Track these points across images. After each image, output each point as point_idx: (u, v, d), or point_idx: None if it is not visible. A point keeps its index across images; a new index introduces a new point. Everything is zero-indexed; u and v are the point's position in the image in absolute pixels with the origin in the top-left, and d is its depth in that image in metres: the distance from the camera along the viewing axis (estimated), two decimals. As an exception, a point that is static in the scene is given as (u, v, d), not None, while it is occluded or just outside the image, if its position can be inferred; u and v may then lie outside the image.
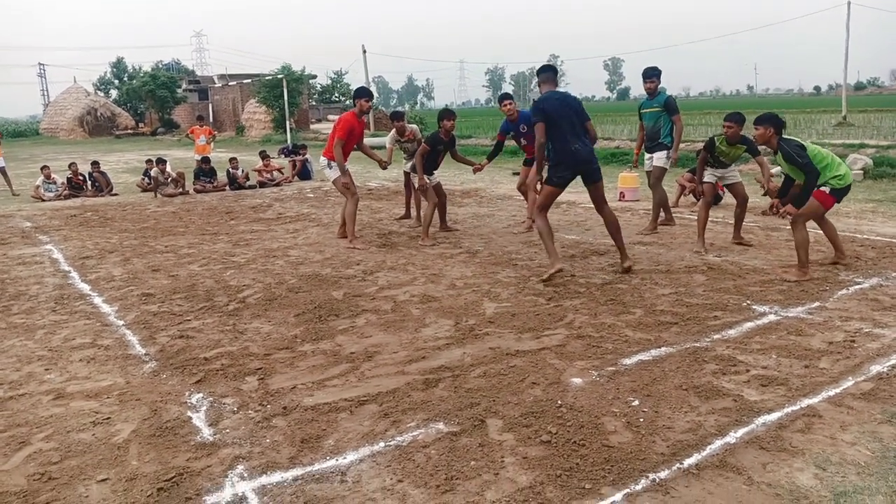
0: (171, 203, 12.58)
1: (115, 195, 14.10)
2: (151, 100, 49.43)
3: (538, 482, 2.80)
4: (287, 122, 28.56)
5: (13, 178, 15.51)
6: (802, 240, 5.75)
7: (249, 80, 41.87)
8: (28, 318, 5.42)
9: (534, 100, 6.13)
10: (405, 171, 9.21)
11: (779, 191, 6.36)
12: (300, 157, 16.20)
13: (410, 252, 7.36)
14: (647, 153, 8.09)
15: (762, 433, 3.16)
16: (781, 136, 5.80)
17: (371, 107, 7.85)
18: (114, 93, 58.55)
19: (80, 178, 14.28)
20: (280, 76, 32.28)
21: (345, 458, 3.06)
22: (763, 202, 9.28)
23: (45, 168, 14.11)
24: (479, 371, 3.98)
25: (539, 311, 5.06)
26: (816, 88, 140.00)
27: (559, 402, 3.52)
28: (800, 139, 6.00)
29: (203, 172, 14.35)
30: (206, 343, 4.67)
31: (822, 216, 6.00)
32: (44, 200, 13.44)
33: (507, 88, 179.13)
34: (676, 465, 2.90)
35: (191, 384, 3.97)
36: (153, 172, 13.86)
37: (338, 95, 52.62)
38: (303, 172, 15.91)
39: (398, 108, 21.07)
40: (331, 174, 7.85)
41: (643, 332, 4.54)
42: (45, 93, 61.63)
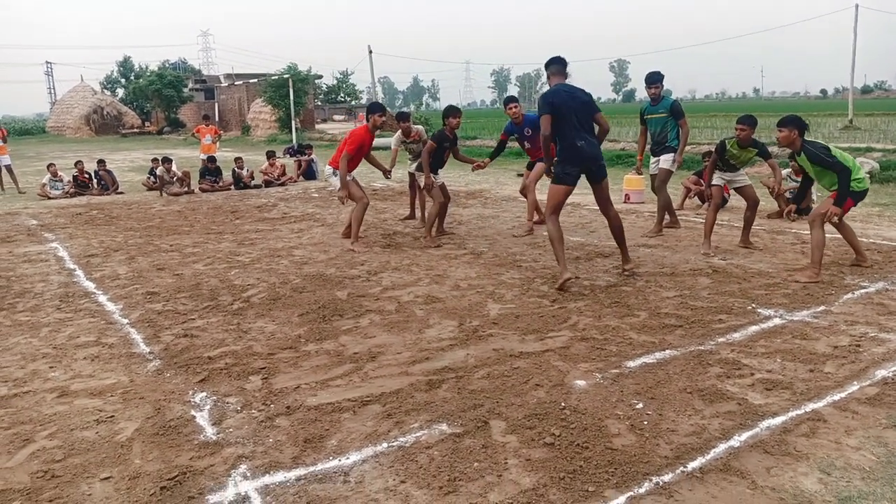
0: (177, 202, 12.61)
1: (121, 194, 14.14)
2: (158, 99, 49.57)
3: (541, 484, 2.80)
4: (293, 122, 28.59)
5: (19, 176, 15.57)
6: (819, 240, 5.74)
7: (255, 80, 41.97)
8: (33, 316, 5.43)
9: (542, 94, 5.97)
10: (410, 172, 9.21)
11: (794, 196, 6.37)
12: (305, 157, 16.22)
13: (415, 253, 7.36)
14: (654, 156, 8.07)
15: (766, 437, 3.15)
16: (805, 139, 5.80)
17: (385, 122, 7.85)
18: (120, 91, 58.74)
19: (87, 177, 14.33)
20: (286, 76, 32.33)
21: (348, 459, 3.06)
22: (769, 206, 9.26)
23: (52, 166, 14.15)
24: (483, 372, 3.98)
25: (543, 313, 5.06)
26: (823, 92, 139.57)
27: (563, 405, 3.51)
28: (823, 141, 5.99)
29: (209, 171, 14.38)
30: (210, 342, 4.68)
31: (841, 220, 5.99)
32: (50, 198, 13.49)
33: (513, 90, 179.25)
34: (680, 469, 2.89)
35: (194, 383, 3.97)
36: (159, 171, 13.90)
37: (343, 96, 52.70)
38: (308, 172, 15.93)
39: (403, 109, 21.10)
40: (335, 181, 7.87)
41: (647, 335, 4.53)
42: (52, 91, 61.82)
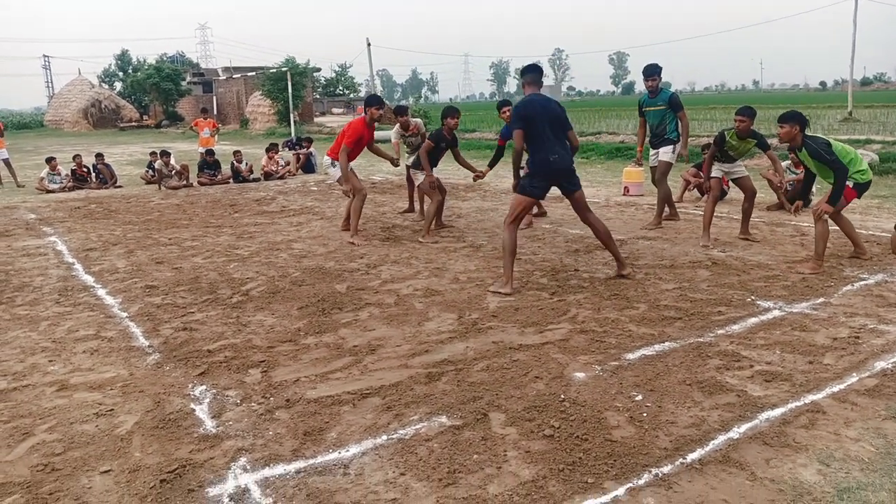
0: (175, 195, 12.59)
1: (120, 187, 14.11)
2: (156, 92, 49.44)
3: (541, 476, 2.80)
4: (291, 116, 28.54)
5: (18, 171, 15.53)
6: (823, 232, 5.75)
7: (253, 73, 41.87)
8: (32, 310, 5.43)
9: (514, 105, 5.69)
10: (408, 166, 9.20)
11: (799, 192, 6.37)
12: (304, 151, 16.19)
13: (414, 246, 7.36)
14: (653, 149, 8.06)
15: (765, 429, 3.15)
16: (806, 134, 5.79)
17: (382, 115, 7.86)
18: (118, 85, 58.56)
19: (85, 171, 14.30)
20: (284, 69, 32.25)
21: (347, 451, 3.06)
22: (769, 198, 9.26)
23: (52, 160, 14.09)
24: (482, 365, 3.98)
25: (542, 306, 5.06)
26: (822, 84, 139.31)
27: (562, 397, 3.51)
28: (824, 136, 5.98)
29: (207, 165, 14.36)
30: (210, 335, 4.68)
31: (840, 213, 5.98)
32: (48, 192, 13.46)
33: (512, 83, 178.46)
34: (679, 460, 2.90)
35: (194, 376, 3.98)
36: (157, 165, 13.87)
37: (342, 89, 52.55)
38: (307, 165, 15.90)
39: (402, 103, 21.08)
40: (334, 172, 7.87)
41: (647, 327, 4.53)
42: (50, 85, 61.61)
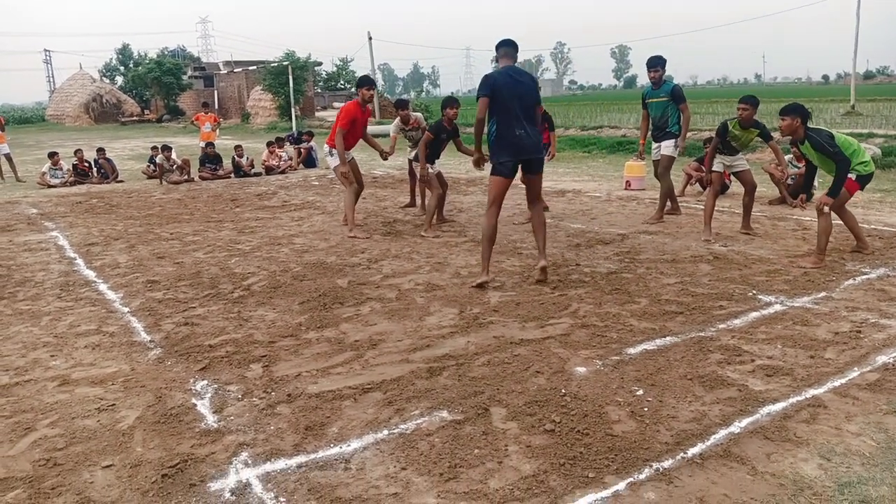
0: (177, 190, 12.59)
1: (121, 182, 14.11)
2: (157, 86, 49.37)
3: (542, 471, 2.80)
4: (292, 110, 28.49)
5: (19, 165, 15.53)
6: (826, 226, 5.73)
7: (255, 67, 41.78)
8: (34, 305, 5.43)
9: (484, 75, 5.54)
10: (409, 160, 9.19)
11: (803, 185, 6.35)
12: (305, 145, 16.17)
13: (415, 240, 7.35)
14: (655, 142, 8.04)
15: (767, 423, 3.15)
16: (808, 126, 5.77)
17: (373, 95, 7.86)
18: (119, 79, 58.46)
19: (86, 165, 14.30)
20: (285, 63, 32.19)
21: (349, 446, 3.06)
22: (771, 192, 9.24)
23: (55, 155, 14.09)
24: (483, 360, 3.98)
25: (543, 300, 5.06)
26: (825, 77, 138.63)
27: (563, 391, 3.51)
28: (826, 128, 5.96)
29: (208, 159, 14.34)
30: (211, 330, 4.68)
31: (843, 206, 5.97)
32: (50, 187, 13.47)
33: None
34: (680, 455, 2.90)
35: (195, 371, 3.98)
36: (158, 159, 13.86)
37: (343, 83, 52.44)
38: (308, 160, 15.89)
39: (403, 96, 21.04)
40: (332, 162, 7.86)
41: (648, 322, 4.53)
42: (51, 79, 61.61)
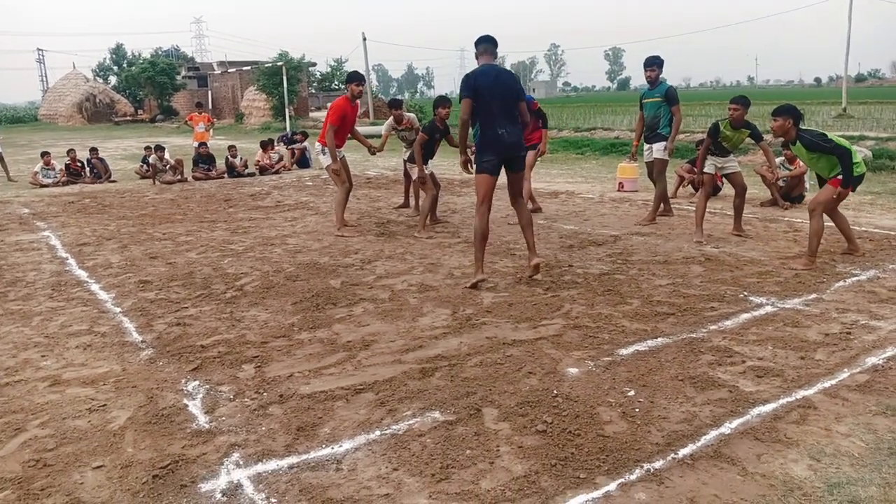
0: (170, 190, 12.56)
1: (114, 182, 14.07)
2: (150, 86, 49.18)
3: (533, 471, 2.81)
4: (286, 110, 28.45)
5: (11, 165, 15.46)
6: (818, 229, 5.75)
7: (249, 68, 41.69)
8: (25, 305, 5.41)
9: (465, 75, 5.52)
10: (404, 160, 9.19)
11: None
12: (299, 146, 16.16)
13: (408, 241, 7.36)
14: (647, 143, 8.06)
15: (757, 424, 3.17)
16: (800, 127, 5.79)
17: (363, 91, 7.88)
18: (113, 79, 58.29)
19: (79, 165, 14.24)
20: (279, 64, 32.13)
21: (340, 447, 3.06)
22: (762, 194, 9.28)
23: (46, 155, 14.04)
24: (476, 360, 3.98)
25: (536, 301, 5.06)
26: (817, 80, 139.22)
27: (555, 392, 3.52)
28: (818, 129, 5.98)
29: (202, 159, 14.31)
30: (203, 331, 4.67)
31: (835, 208, 5.99)
32: (42, 187, 13.41)
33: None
34: (671, 456, 2.91)
35: (187, 372, 3.97)
36: (152, 159, 13.82)
37: (338, 83, 52.41)
38: (301, 160, 15.87)
39: (397, 97, 21.01)
40: (325, 160, 7.88)
41: (640, 323, 4.54)
42: (44, 79, 61.28)
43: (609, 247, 6.77)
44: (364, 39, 32.48)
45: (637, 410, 3.31)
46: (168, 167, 13.84)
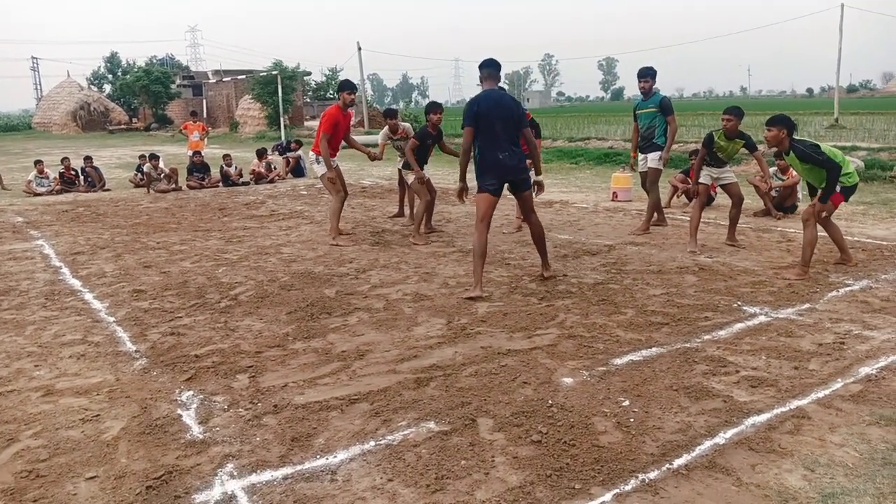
0: (164, 199, 12.54)
1: (108, 191, 14.03)
2: (145, 95, 49.14)
3: (528, 482, 2.81)
4: (281, 119, 28.47)
5: (4, 173, 15.42)
6: (812, 238, 5.78)
7: (244, 77, 41.73)
8: (18, 314, 5.39)
9: (468, 101, 5.64)
10: (399, 169, 9.21)
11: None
12: (294, 154, 16.17)
13: (403, 250, 7.36)
14: (642, 153, 8.10)
15: (751, 434, 3.17)
16: (794, 138, 5.82)
17: (354, 99, 7.91)
18: (107, 87, 58.17)
19: (73, 173, 14.21)
20: (274, 73, 32.18)
21: (335, 457, 3.05)
22: (755, 204, 9.32)
23: (40, 163, 14.00)
24: (471, 370, 3.98)
25: (531, 311, 5.07)
26: (809, 90, 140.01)
27: (550, 402, 3.52)
28: (811, 139, 6.01)
29: (196, 168, 14.30)
30: (197, 340, 4.66)
31: (829, 218, 6.02)
32: (36, 195, 13.37)
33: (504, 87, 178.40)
34: (666, 466, 2.91)
35: (181, 382, 3.96)
36: (146, 168, 13.80)
37: (333, 93, 52.48)
38: (296, 169, 15.88)
39: (392, 106, 21.04)
40: (319, 169, 7.90)
41: (634, 333, 4.55)
42: (38, 87, 61.12)
43: (603, 256, 6.79)
44: (359, 49, 32.54)
45: (632, 420, 3.31)
46: (162, 176, 13.82)
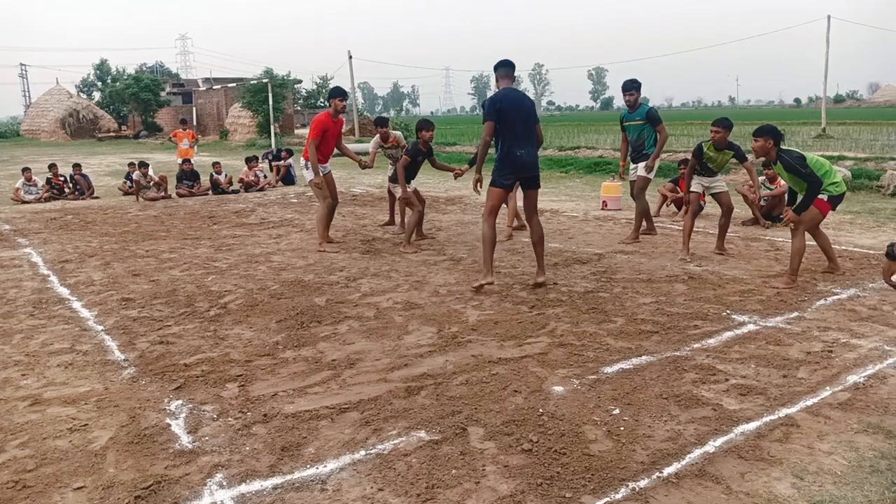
0: (153, 207, 12.48)
1: (97, 198, 13.95)
2: (135, 102, 49.04)
3: (519, 491, 2.80)
4: (272, 127, 28.46)
5: (-8, 180, 15.32)
6: (800, 248, 5.82)
7: (234, 84, 41.72)
8: (5, 323, 5.34)
9: (490, 97, 5.89)
10: (389, 177, 9.21)
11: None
12: (284, 163, 16.14)
13: (394, 259, 7.36)
14: (633, 163, 8.15)
15: (741, 442, 3.19)
16: (780, 148, 5.87)
17: (345, 106, 7.93)
18: (97, 95, 57.97)
19: (61, 179, 14.13)
20: (265, 81, 32.18)
21: (325, 467, 3.04)
22: (744, 213, 9.38)
23: (27, 171, 13.92)
24: (462, 379, 3.98)
25: (521, 319, 5.08)
26: (797, 100, 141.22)
27: (540, 411, 3.52)
28: (798, 150, 6.06)
29: (185, 175, 14.25)
30: (187, 349, 4.63)
31: (817, 226, 6.06)
32: (24, 203, 13.28)
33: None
34: (656, 474, 2.92)
35: (170, 391, 3.93)
36: (135, 176, 13.74)
37: (323, 101, 52.55)
38: (286, 177, 15.85)
39: (383, 115, 21.04)
40: (308, 175, 7.90)
41: (624, 341, 4.57)
42: (27, 94, 60.85)
43: (593, 265, 6.81)
44: (350, 58, 32.62)
45: (622, 429, 3.32)
46: (152, 184, 13.77)
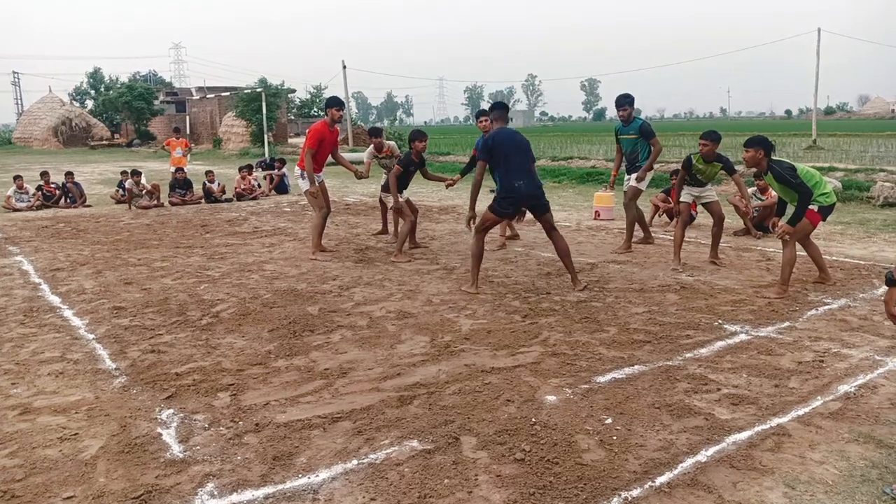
0: (146, 215, 12.45)
1: (89, 206, 13.91)
2: (128, 111, 48.95)
3: (511, 500, 2.80)
4: (265, 136, 28.45)
5: (-17, 188, 15.24)
6: (790, 258, 5.84)
7: (227, 94, 41.73)
8: (-5, 331, 5.31)
9: (483, 137, 6.34)
10: (382, 187, 9.23)
11: (774, 212, 6.45)
12: (277, 172, 16.14)
13: (387, 268, 7.36)
14: (627, 174, 8.19)
15: (733, 452, 3.19)
16: (771, 158, 5.91)
17: (342, 116, 7.95)
18: (90, 103, 57.89)
19: (53, 187, 14.08)
20: (259, 90, 32.20)
21: (317, 476, 3.03)
22: (736, 223, 9.43)
23: (19, 178, 13.87)
24: (454, 388, 3.98)
25: (514, 329, 5.08)
26: (787, 112, 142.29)
27: (533, 420, 3.52)
28: (788, 160, 6.10)
29: (178, 184, 14.22)
30: (178, 358, 4.61)
31: (808, 237, 6.09)
32: (15, 211, 13.22)
33: (486, 107, 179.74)
34: (648, 484, 2.92)
35: (161, 400, 3.91)
36: (128, 184, 13.70)
37: (317, 110, 52.58)
38: (280, 186, 15.84)
39: (376, 125, 21.15)
40: (303, 185, 7.91)
41: (617, 351, 4.58)
42: (19, 102, 60.79)
43: (586, 274, 6.83)
44: (344, 67, 32.69)
45: (615, 438, 3.32)
46: (144, 192, 13.73)
